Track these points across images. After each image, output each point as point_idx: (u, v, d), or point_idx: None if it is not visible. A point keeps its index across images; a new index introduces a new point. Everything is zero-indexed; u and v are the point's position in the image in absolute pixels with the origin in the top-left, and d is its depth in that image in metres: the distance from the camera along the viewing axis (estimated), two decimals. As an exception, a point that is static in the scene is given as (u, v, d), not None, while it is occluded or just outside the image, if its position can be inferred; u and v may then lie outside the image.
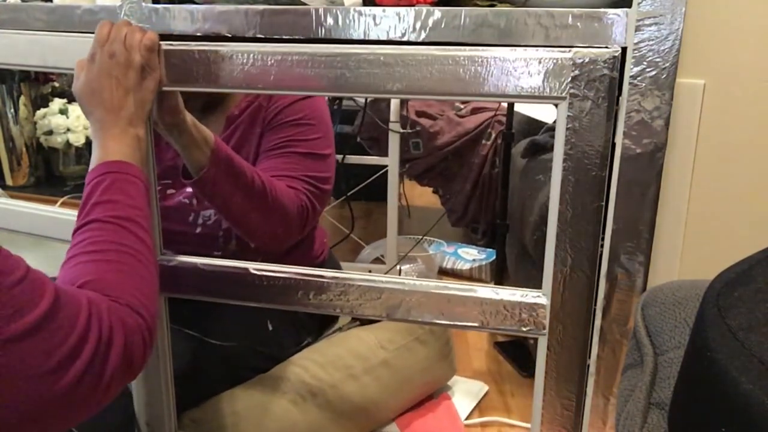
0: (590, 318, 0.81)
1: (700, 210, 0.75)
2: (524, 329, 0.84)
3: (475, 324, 0.87)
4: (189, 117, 0.96)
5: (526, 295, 0.83)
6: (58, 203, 2.02)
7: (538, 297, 0.83)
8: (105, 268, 0.66)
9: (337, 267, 1.46)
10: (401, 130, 2.04)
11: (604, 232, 0.78)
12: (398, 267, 2.08)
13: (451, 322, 0.88)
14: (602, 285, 0.79)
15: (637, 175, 0.74)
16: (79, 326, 0.56)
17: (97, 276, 0.64)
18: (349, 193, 2.09)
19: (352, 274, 0.90)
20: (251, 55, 0.84)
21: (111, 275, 0.65)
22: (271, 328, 1.26)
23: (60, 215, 1.14)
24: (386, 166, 2.08)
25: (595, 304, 0.81)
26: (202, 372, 1.17)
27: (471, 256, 2.34)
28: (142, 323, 0.63)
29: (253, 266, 0.92)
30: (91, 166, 0.76)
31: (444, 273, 2.31)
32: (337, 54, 0.82)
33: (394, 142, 2.03)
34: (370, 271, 2.04)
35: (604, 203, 0.77)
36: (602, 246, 0.78)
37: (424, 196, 2.91)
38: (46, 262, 1.72)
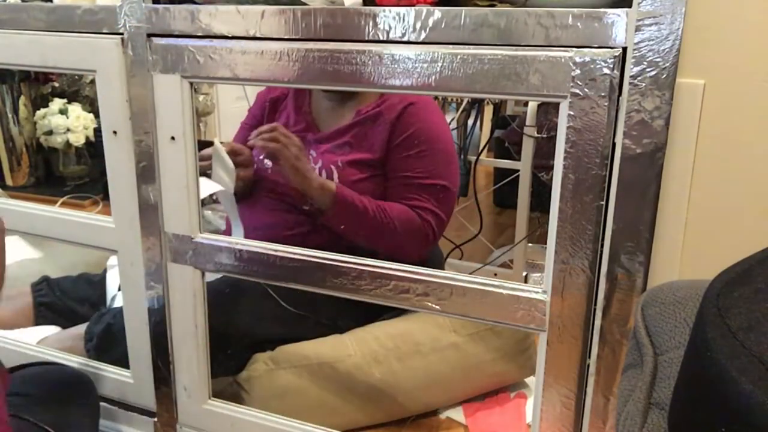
0: (590, 317, 0.81)
1: (700, 210, 0.75)
2: (524, 324, 0.85)
3: (476, 316, 0.87)
4: (315, 181, 1.23)
5: (528, 291, 0.84)
6: (58, 203, 2.02)
7: (539, 293, 0.83)
8: None
9: (439, 259, 1.52)
10: (536, 135, 2.00)
11: (604, 232, 0.78)
12: (524, 274, 2.06)
13: (452, 312, 0.89)
14: (602, 285, 0.79)
15: (637, 175, 0.74)
16: None
17: None
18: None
19: (367, 260, 0.93)
20: (278, 52, 0.87)
21: None
22: (338, 306, 1.32)
23: (60, 215, 1.15)
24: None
25: (595, 304, 0.81)
26: (269, 328, 1.30)
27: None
28: None
29: (276, 249, 0.98)
30: None
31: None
32: (351, 50, 0.82)
33: (527, 147, 2.00)
34: (495, 275, 2.05)
35: (604, 203, 0.77)
36: (602, 246, 0.79)
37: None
38: (46, 262, 1.72)
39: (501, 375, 1.38)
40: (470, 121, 2.22)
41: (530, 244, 2.13)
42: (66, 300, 1.46)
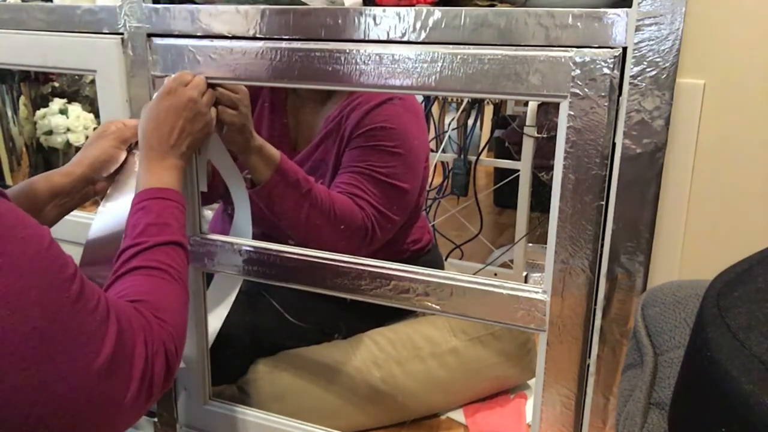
0: (590, 317, 0.81)
1: (700, 210, 0.75)
2: (524, 324, 0.85)
3: (476, 316, 0.87)
4: (257, 140, 1.03)
5: (528, 291, 0.84)
6: (58, 203, 2.01)
7: (539, 293, 0.83)
8: (159, 288, 0.73)
9: (439, 262, 1.50)
10: (536, 135, 1.99)
11: (604, 232, 0.78)
12: (524, 274, 2.06)
13: (452, 312, 0.89)
14: (602, 285, 0.79)
15: (637, 175, 0.74)
16: (137, 353, 0.62)
17: (152, 297, 0.70)
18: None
19: (367, 260, 0.93)
20: (278, 52, 0.87)
21: (163, 298, 0.72)
22: (343, 317, 1.33)
23: (60, 215, 1.14)
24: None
25: (595, 304, 0.81)
26: (271, 337, 1.29)
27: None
28: (177, 347, 0.69)
29: (276, 248, 0.97)
30: (140, 188, 0.83)
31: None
32: (351, 50, 0.82)
33: (527, 147, 1.99)
34: (495, 275, 2.05)
35: (604, 203, 0.77)
36: (602, 246, 0.79)
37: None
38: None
39: (502, 379, 1.38)
40: (470, 121, 2.22)
41: (530, 244, 2.13)
42: None
